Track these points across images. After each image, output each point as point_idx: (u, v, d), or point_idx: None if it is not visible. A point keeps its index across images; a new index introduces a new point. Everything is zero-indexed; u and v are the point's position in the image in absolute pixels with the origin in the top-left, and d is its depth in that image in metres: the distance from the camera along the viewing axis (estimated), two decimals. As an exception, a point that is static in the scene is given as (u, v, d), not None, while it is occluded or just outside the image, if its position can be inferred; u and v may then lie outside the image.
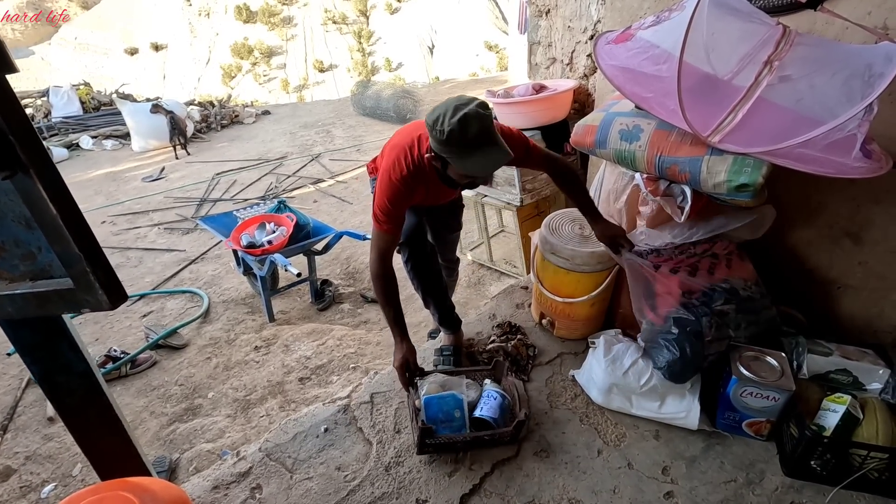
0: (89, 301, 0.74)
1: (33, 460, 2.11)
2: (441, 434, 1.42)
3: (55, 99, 10.10)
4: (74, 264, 0.71)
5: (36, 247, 0.74)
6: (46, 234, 0.69)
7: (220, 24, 36.19)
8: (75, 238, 0.69)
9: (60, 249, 0.70)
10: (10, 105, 0.61)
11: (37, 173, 0.65)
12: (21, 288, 0.78)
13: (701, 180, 1.41)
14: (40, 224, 0.69)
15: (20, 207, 0.68)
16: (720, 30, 1.49)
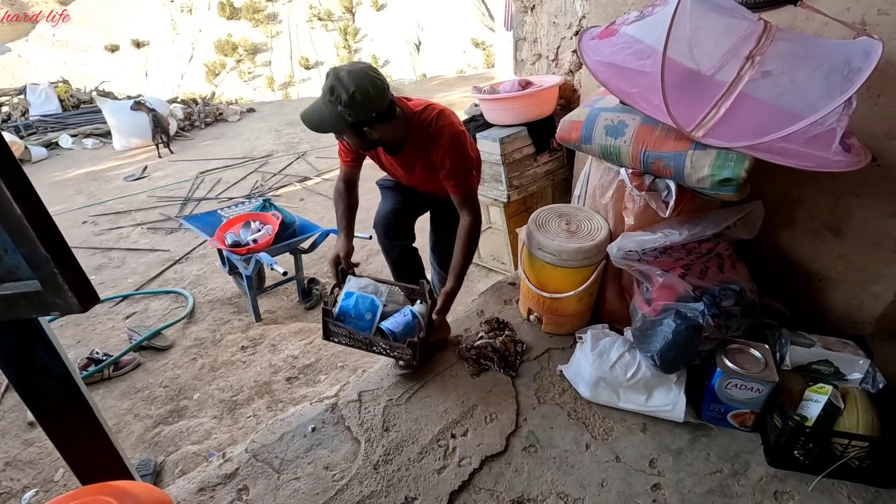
0: (58, 304, 0.72)
1: (13, 466, 2.07)
2: (345, 325, 1.51)
3: (33, 97, 9.86)
4: (41, 266, 0.69)
5: (2, 248, 0.71)
6: (11, 235, 0.67)
7: (203, 20, 35.68)
8: (42, 239, 0.67)
9: (26, 251, 0.68)
10: None
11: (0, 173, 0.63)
12: None
13: (685, 175, 1.42)
14: (4, 225, 0.66)
15: None
16: (703, 25, 1.50)
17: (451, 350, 1.85)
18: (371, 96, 1.42)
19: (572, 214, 1.80)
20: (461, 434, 1.52)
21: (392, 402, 1.64)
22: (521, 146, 2.41)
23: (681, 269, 1.55)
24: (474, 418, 1.57)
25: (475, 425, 1.55)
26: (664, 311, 1.52)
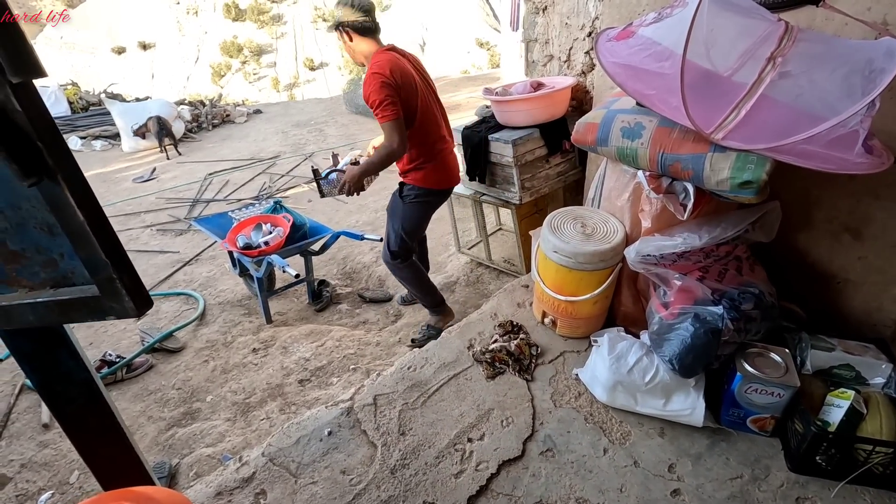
0: (115, 308, 0.72)
1: (29, 468, 2.08)
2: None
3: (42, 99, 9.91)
4: (101, 271, 0.69)
5: (58, 253, 0.72)
6: (72, 240, 0.67)
7: (209, 22, 35.85)
8: (102, 244, 0.67)
9: (86, 256, 0.68)
10: (38, 110, 0.60)
11: (64, 179, 0.63)
12: (42, 296, 0.76)
13: (704, 177, 1.41)
14: (66, 231, 0.67)
15: (43, 214, 0.66)
16: (719, 25, 1.48)
17: (465, 353, 1.85)
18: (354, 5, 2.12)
19: (588, 217, 1.79)
20: (478, 438, 1.52)
21: (407, 405, 1.64)
22: (533, 148, 2.40)
23: (699, 273, 1.54)
24: (490, 422, 1.57)
25: (491, 429, 1.54)
26: (682, 314, 1.50)
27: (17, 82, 0.58)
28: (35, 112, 0.60)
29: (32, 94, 0.60)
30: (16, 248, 0.75)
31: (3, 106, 0.59)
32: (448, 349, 1.87)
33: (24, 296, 0.77)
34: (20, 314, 0.78)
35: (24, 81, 0.59)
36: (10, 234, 0.74)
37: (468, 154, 2.60)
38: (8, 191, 0.67)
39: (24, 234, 0.72)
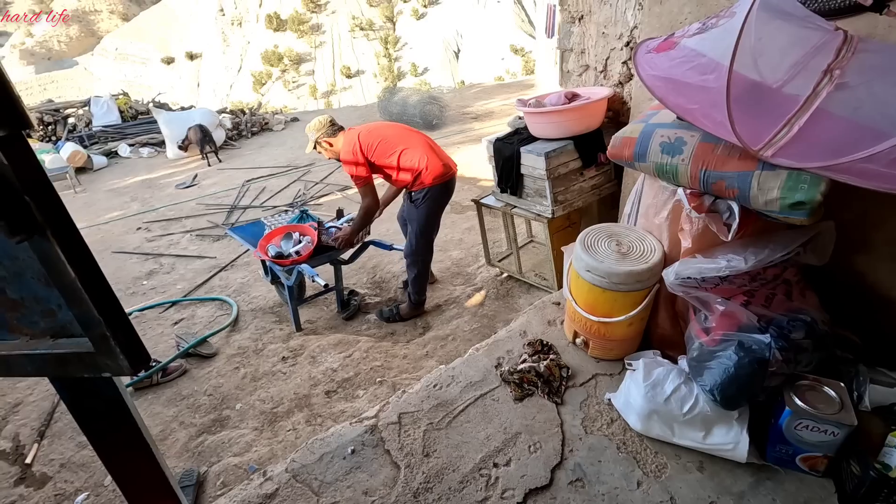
0: (110, 366, 0.72)
1: (68, 468, 2.15)
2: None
3: (95, 108, 10.50)
4: (94, 328, 0.69)
5: (56, 304, 0.72)
6: (64, 296, 0.67)
7: (252, 32, 37.20)
8: (94, 301, 0.66)
9: (79, 312, 0.68)
10: (26, 162, 0.59)
11: (54, 235, 0.62)
12: (41, 347, 0.76)
13: (751, 197, 1.32)
14: (58, 286, 0.66)
15: (39, 265, 0.66)
16: (768, 34, 1.40)
17: (492, 372, 1.80)
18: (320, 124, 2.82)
19: (623, 235, 1.72)
20: (504, 464, 1.47)
21: (432, 425, 1.60)
22: (566, 160, 2.34)
23: (743, 297, 1.45)
24: (517, 447, 1.51)
25: (518, 455, 1.49)
26: (724, 341, 1.41)
27: (2, 135, 0.57)
28: (23, 165, 0.58)
29: (20, 147, 0.59)
30: (15, 296, 0.75)
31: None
32: (475, 368, 1.83)
33: (24, 345, 0.78)
34: (19, 365, 0.78)
35: (12, 133, 0.57)
36: (9, 283, 0.74)
37: (500, 166, 2.56)
38: (4, 241, 0.66)
39: (22, 283, 0.72)
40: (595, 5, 2.43)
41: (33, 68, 55.74)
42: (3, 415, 2.53)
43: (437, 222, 2.96)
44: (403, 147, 2.72)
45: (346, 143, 2.73)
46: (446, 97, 10.44)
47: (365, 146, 2.69)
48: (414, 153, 2.71)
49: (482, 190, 4.99)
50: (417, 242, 2.87)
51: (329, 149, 2.82)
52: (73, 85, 42.30)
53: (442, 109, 8.98)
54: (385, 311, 3.11)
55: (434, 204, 2.81)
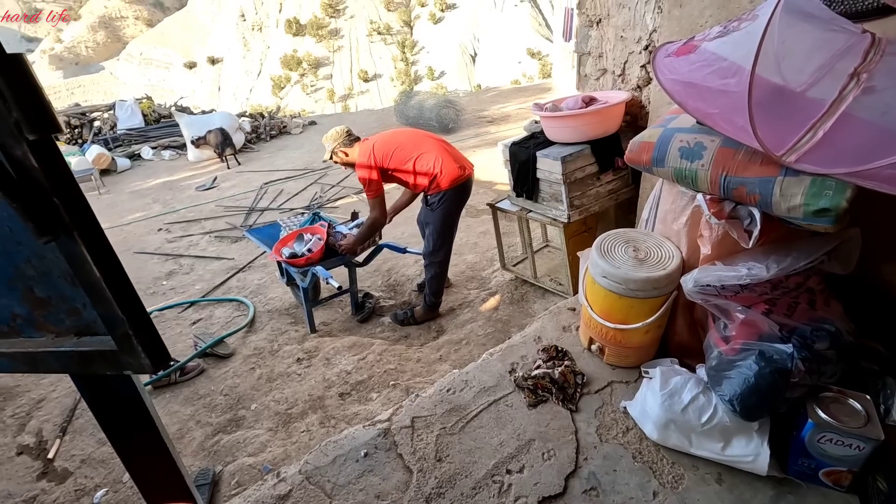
0: (132, 364, 0.73)
1: (88, 464, 2.20)
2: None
3: (120, 112, 10.77)
4: (117, 327, 0.70)
5: (81, 303, 0.74)
6: (89, 295, 0.69)
7: (272, 37, 37.79)
8: (118, 300, 0.68)
9: (103, 311, 0.69)
10: (55, 165, 0.61)
11: (80, 236, 0.64)
12: (66, 345, 0.78)
13: (773, 203, 1.29)
14: (84, 286, 0.68)
15: (65, 265, 0.68)
16: (792, 37, 1.37)
17: (506, 378, 1.79)
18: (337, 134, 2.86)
19: (640, 240, 1.69)
20: (517, 470, 1.45)
21: (445, 430, 1.60)
22: (583, 165, 2.32)
23: (764, 306, 1.41)
24: (531, 454, 1.50)
25: (532, 462, 1.47)
26: (744, 350, 1.38)
27: (33, 139, 0.59)
28: (52, 168, 0.60)
29: (50, 150, 0.60)
30: (42, 295, 0.77)
31: (20, 162, 0.60)
32: (489, 373, 1.82)
33: (49, 342, 0.80)
34: (45, 361, 0.80)
35: (42, 138, 0.59)
36: (36, 282, 0.76)
37: (515, 170, 2.55)
38: (34, 241, 0.69)
39: (49, 282, 0.74)
40: (613, 9, 2.41)
41: (62, 73, 57.50)
42: (27, 410, 2.60)
43: (455, 225, 2.97)
44: (419, 153, 2.75)
45: (361, 154, 2.77)
46: (462, 101, 10.46)
47: (380, 157, 2.74)
48: (429, 158, 2.73)
49: (497, 194, 4.97)
50: (435, 245, 2.90)
51: (345, 158, 2.86)
52: (100, 89, 43.52)
53: (458, 113, 9.00)
54: (399, 313, 3.12)
55: (451, 207, 2.83)
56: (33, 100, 0.56)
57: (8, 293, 0.79)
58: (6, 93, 0.55)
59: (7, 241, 0.72)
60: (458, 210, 2.92)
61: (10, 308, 0.81)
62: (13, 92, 0.55)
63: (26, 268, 0.74)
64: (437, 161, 2.73)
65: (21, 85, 0.56)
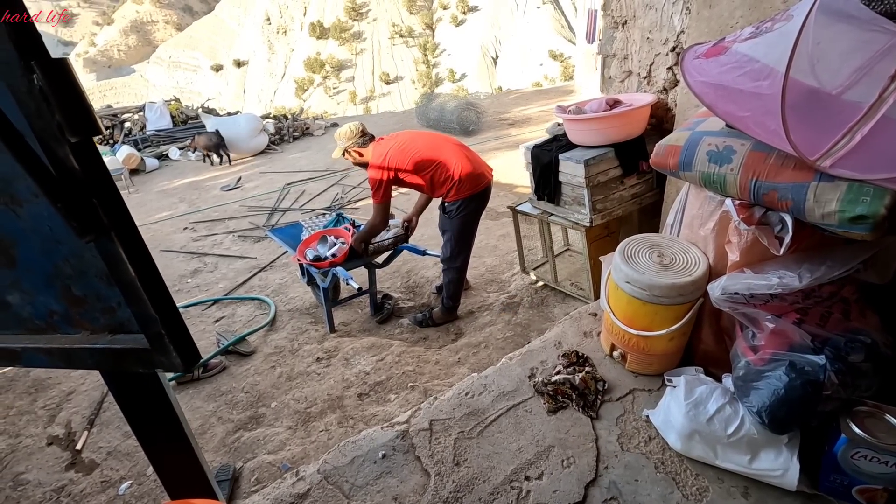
0: (163, 362, 0.75)
1: (114, 456, 2.25)
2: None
3: (150, 113, 11.06)
4: (151, 326, 0.72)
5: (115, 302, 0.76)
6: (124, 294, 0.71)
7: (296, 40, 38.38)
8: (152, 300, 0.70)
9: (137, 310, 0.71)
10: (95, 168, 0.62)
11: (118, 237, 0.66)
12: (101, 342, 0.80)
13: (806, 209, 1.25)
14: (119, 285, 0.70)
15: (102, 264, 0.70)
16: (828, 38, 1.32)
17: (525, 383, 1.77)
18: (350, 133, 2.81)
19: (665, 246, 1.66)
20: (535, 477, 1.43)
21: (463, 434, 1.59)
22: (606, 168, 2.29)
23: (796, 315, 1.37)
24: (550, 461, 1.48)
25: (551, 469, 1.45)
26: (773, 361, 1.34)
27: (75, 141, 0.60)
28: (92, 169, 0.62)
29: (90, 152, 0.63)
30: (78, 293, 0.80)
31: (62, 164, 0.62)
32: (508, 377, 1.80)
33: (84, 339, 0.82)
34: (80, 358, 0.83)
35: (83, 140, 0.61)
36: (73, 280, 0.78)
37: (537, 173, 2.53)
38: (73, 240, 0.71)
39: (85, 281, 0.76)
40: (640, 10, 2.37)
41: (94, 76, 59.47)
42: (57, 402, 2.68)
43: (474, 232, 2.94)
44: (438, 161, 2.68)
45: (376, 156, 2.71)
46: (483, 103, 10.44)
47: (395, 163, 2.67)
48: (448, 166, 2.68)
49: (518, 196, 4.95)
50: (452, 251, 2.87)
51: (358, 159, 2.82)
52: (130, 91, 44.90)
53: (479, 115, 8.98)
54: (418, 316, 3.13)
55: (469, 215, 2.80)
56: (76, 103, 0.58)
57: (46, 290, 0.82)
58: (50, 96, 0.57)
59: (47, 241, 0.75)
60: (477, 217, 2.87)
61: (47, 305, 0.84)
62: (57, 95, 0.57)
63: (64, 266, 0.77)
64: (455, 169, 2.67)
65: (64, 89, 0.57)
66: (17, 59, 0.55)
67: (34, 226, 0.74)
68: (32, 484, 2.14)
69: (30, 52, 0.55)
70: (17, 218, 0.74)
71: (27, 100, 0.58)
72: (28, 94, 0.57)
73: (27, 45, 0.55)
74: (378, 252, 3.07)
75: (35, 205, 0.71)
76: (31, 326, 0.88)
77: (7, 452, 2.34)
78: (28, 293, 0.84)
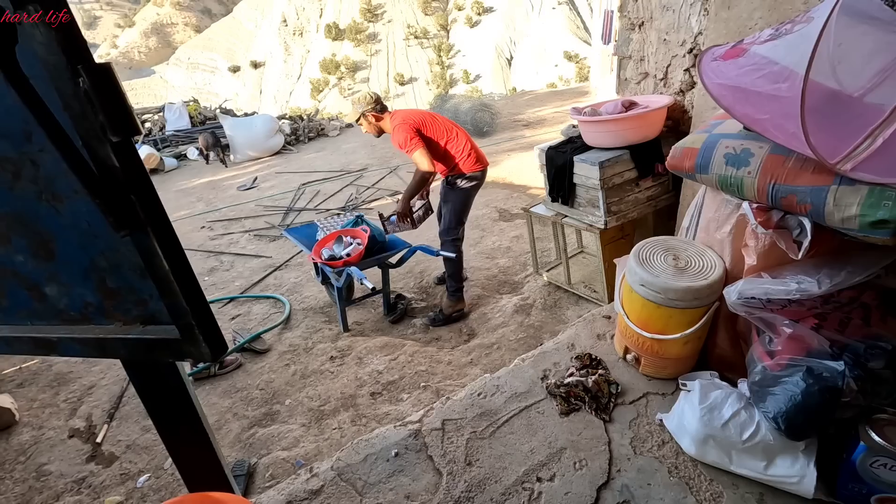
0: (192, 352, 0.78)
1: (133, 450, 2.30)
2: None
3: (169, 114, 11.26)
4: (182, 317, 0.75)
5: (148, 294, 0.79)
6: (158, 286, 0.73)
7: (312, 41, 38.72)
8: (184, 292, 0.73)
9: (170, 302, 0.74)
10: (134, 166, 0.65)
11: (153, 232, 0.69)
12: (133, 333, 0.84)
13: (825, 213, 1.23)
14: (153, 278, 0.73)
15: (136, 258, 0.73)
16: (850, 39, 1.31)
17: (538, 384, 1.77)
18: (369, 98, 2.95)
19: (681, 249, 1.65)
20: (547, 479, 1.44)
21: (476, 434, 1.59)
22: (622, 170, 2.28)
23: (814, 320, 1.35)
24: (562, 463, 1.48)
25: (563, 471, 1.45)
26: (791, 366, 1.32)
27: (116, 141, 0.64)
28: (131, 167, 0.65)
29: (129, 151, 0.66)
30: (113, 286, 0.83)
31: (103, 162, 0.65)
32: (520, 378, 1.80)
33: (117, 330, 0.85)
34: (114, 347, 0.86)
35: (123, 140, 0.64)
36: (108, 273, 0.82)
37: (552, 174, 2.53)
38: (109, 235, 0.73)
39: (120, 274, 0.79)
40: (657, 11, 2.36)
41: (116, 77, 60.45)
42: (79, 396, 2.75)
43: (470, 206, 3.16)
44: (455, 132, 2.95)
45: (396, 118, 2.89)
46: (498, 104, 10.43)
47: (419, 125, 2.85)
48: (459, 142, 2.94)
49: (531, 198, 4.94)
50: (451, 222, 3.08)
51: (374, 123, 2.94)
52: (150, 92, 45.82)
53: (493, 116, 8.98)
54: (430, 314, 3.18)
55: (470, 189, 3.05)
56: (118, 105, 0.61)
57: (83, 283, 0.85)
58: (94, 98, 0.59)
59: (85, 235, 0.78)
60: (475, 193, 3.11)
61: (83, 297, 0.88)
62: (101, 98, 0.60)
63: (100, 260, 0.80)
64: (467, 144, 2.95)
65: (108, 91, 0.60)
66: (66, 63, 0.58)
67: (73, 221, 0.78)
68: (55, 475, 2.20)
69: (76, 56, 0.58)
70: (57, 214, 0.78)
71: (73, 102, 0.61)
72: (74, 96, 0.60)
73: (74, 50, 0.58)
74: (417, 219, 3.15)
75: (74, 201, 0.74)
76: (67, 317, 0.92)
77: (31, 444, 2.41)
78: (65, 285, 0.88)
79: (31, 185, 0.77)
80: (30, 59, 0.59)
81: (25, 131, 0.72)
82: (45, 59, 0.59)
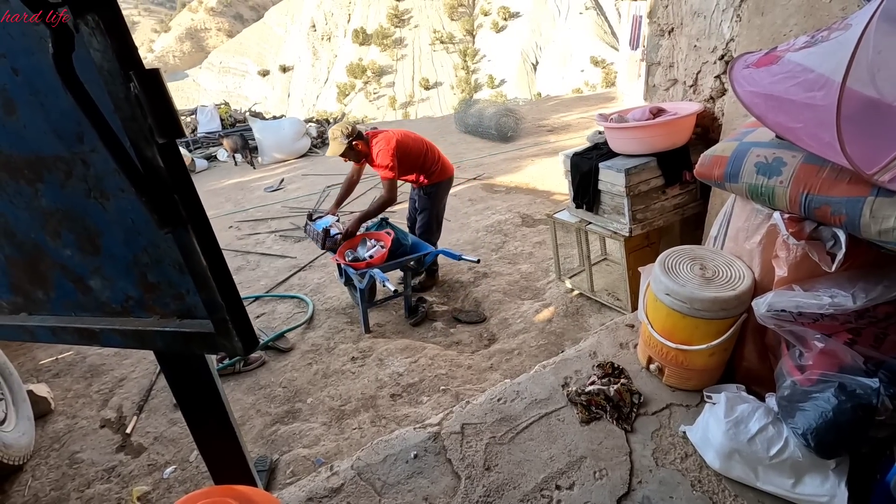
0: (226, 346, 0.81)
1: (160, 441, 2.37)
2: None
3: (201, 117, 11.59)
4: (217, 311, 0.78)
5: (185, 289, 0.82)
6: (196, 281, 0.77)
7: (339, 46, 39.34)
8: (219, 288, 0.76)
9: (206, 297, 0.77)
10: (177, 166, 0.68)
11: (194, 229, 0.72)
12: (170, 325, 0.88)
13: (861, 225, 1.20)
14: (191, 273, 0.76)
15: (176, 254, 0.76)
16: (889, 47, 1.27)
17: (558, 391, 1.76)
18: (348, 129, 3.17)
19: (708, 258, 1.62)
20: (566, 487, 1.43)
21: (495, 439, 1.60)
22: (648, 178, 2.25)
23: (847, 335, 1.31)
24: (582, 471, 1.47)
25: (582, 480, 1.44)
26: (822, 382, 1.29)
27: (162, 142, 0.67)
28: (175, 168, 0.68)
29: (174, 153, 0.69)
30: (153, 280, 0.87)
31: (150, 162, 0.68)
32: (541, 385, 1.80)
33: (155, 323, 0.89)
34: (152, 339, 0.90)
35: (168, 142, 0.68)
36: (150, 268, 0.86)
37: (576, 181, 2.51)
38: (151, 232, 0.77)
39: (160, 269, 0.83)
40: (687, 18, 2.33)
41: (151, 80, 62.50)
42: (110, 387, 2.85)
43: (444, 206, 3.66)
44: (429, 147, 3.40)
45: (380, 142, 3.17)
46: (522, 109, 10.41)
47: (401, 143, 3.20)
48: (436, 153, 3.43)
49: (555, 204, 4.91)
50: (431, 227, 3.53)
51: (359, 151, 3.18)
52: (183, 95, 47.31)
53: (518, 122, 8.96)
54: (455, 313, 3.34)
55: (443, 196, 3.54)
56: (165, 109, 0.64)
57: (125, 277, 0.90)
58: (144, 102, 0.63)
59: (129, 232, 0.82)
60: (446, 196, 3.60)
61: (125, 290, 0.92)
62: (150, 101, 0.63)
63: (142, 256, 0.84)
64: (439, 157, 3.43)
65: (156, 96, 0.64)
66: (119, 69, 0.62)
67: (118, 218, 0.82)
68: (86, 463, 2.28)
69: (129, 62, 0.62)
70: (104, 211, 0.82)
71: (124, 105, 0.64)
72: (125, 100, 0.64)
73: (127, 56, 0.61)
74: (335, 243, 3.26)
75: (120, 199, 0.79)
76: (109, 310, 0.96)
77: (65, 432, 2.50)
78: (109, 279, 0.92)
79: (81, 184, 0.82)
80: (86, 65, 0.63)
81: (78, 133, 0.76)
82: (100, 65, 0.63)
